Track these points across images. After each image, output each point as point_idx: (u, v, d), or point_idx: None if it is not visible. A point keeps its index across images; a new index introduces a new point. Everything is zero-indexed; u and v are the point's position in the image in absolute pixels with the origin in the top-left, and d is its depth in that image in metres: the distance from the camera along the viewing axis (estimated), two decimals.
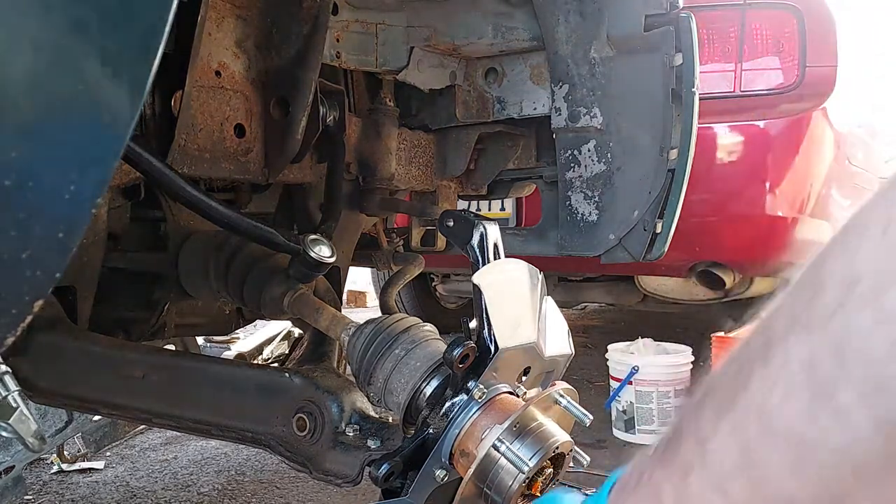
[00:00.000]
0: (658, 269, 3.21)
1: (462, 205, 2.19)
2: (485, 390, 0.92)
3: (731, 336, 2.60)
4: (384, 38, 1.62)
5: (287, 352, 3.43)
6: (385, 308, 1.66)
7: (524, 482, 0.87)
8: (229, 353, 3.47)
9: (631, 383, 2.79)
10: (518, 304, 0.97)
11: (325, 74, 1.46)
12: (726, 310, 3.38)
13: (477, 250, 1.01)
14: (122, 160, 0.87)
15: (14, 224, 0.56)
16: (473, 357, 0.93)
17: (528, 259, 1.05)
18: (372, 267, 2.17)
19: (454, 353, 0.89)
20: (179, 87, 1.21)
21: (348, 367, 1.14)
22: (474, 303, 0.95)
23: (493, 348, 0.92)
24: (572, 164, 1.64)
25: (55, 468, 2.47)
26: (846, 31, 2.85)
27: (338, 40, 1.54)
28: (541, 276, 1.02)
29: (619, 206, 1.60)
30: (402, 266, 1.88)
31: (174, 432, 2.67)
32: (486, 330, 0.93)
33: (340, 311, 1.27)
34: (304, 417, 1.10)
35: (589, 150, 1.62)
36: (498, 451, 0.87)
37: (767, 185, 2.79)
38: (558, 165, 1.66)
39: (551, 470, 0.91)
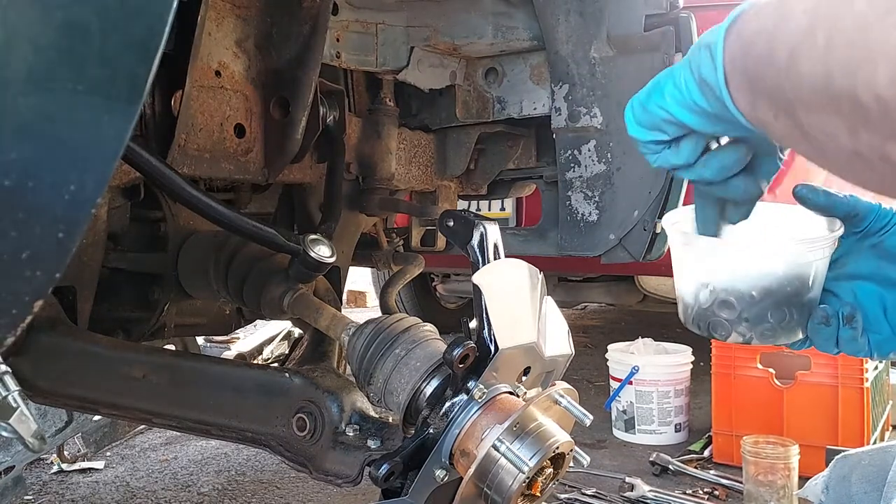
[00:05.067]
0: (658, 269, 3.21)
1: (462, 205, 2.19)
2: (485, 390, 0.92)
3: None
4: (384, 38, 1.62)
5: (287, 352, 3.43)
6: (385, 308, 1.66)
7: (524, 482, 0.87)
8: (229, 353, 3.47)
9: (631, 383, 2.79)
10: (518, 304, 0.97)
11: (325, 74, 1.45)
12: None
13: (477, 250, 1.01)
14: (122, 160, 0.87)
15: (14, 224, 0.56)
16: (473, 357, 0.93)
17: (528, 259, 1.05)
18: (372, 267, 2.17)
19: (454, 353, 0.89)
20: (179, 87, 1.20)
21: (348, 367, 1.13)
22: (474, 303, 0.95)
23: (493, 348, 0.92)
24: (572, 164, 1.64)
25: (55, 468, 2.47)
26: None
27: (338, 40, 1.54)
28: (541, 276, 1.02)
29: (619, 206, 1.60)
30: (402, 266, 1.88)
31: (174, 432, 2.67)
32: (486, 330, 0.93)
33: (340, 311, 1.27)
34: (304, 417, 1.10)
35: (589, 150, 1.62)
36: (498, 451, 0.87)
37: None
38: (558, 165, 1.66)
39: (551, 470, 0.91)
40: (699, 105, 0.60)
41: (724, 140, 0.66)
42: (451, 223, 1.04)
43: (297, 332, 3.39)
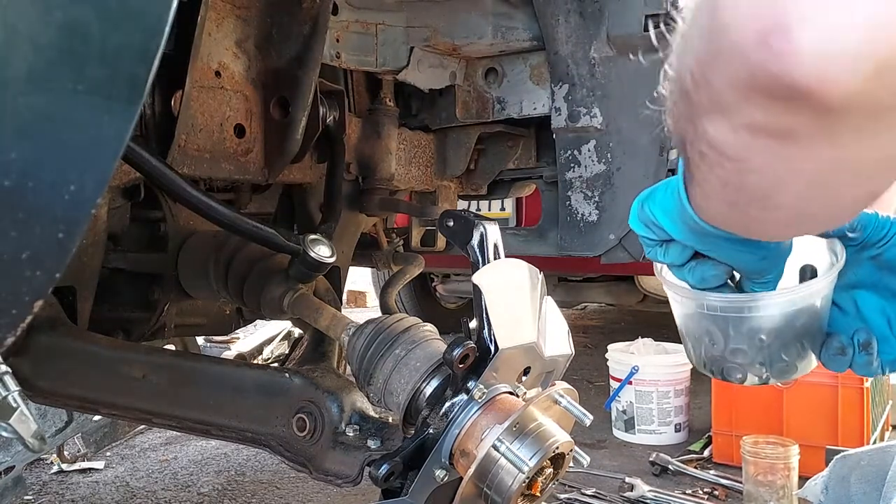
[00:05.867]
0: None
1: (462, 205, 2.19)
2: (485, 390, 0.92)
3: None
4: (384, 38, 1.62)
5: (287, 352, 3.43)
6: (385, 308, 1.66)
7: (524, 482, 0.87)
8: (229, 353, 3.47)
9: (631, 383, 2.79)
10: (518, 304, 0.97)
11: (325, 74, 1.46)
12: None
13: (477, 250, 1.01)
14: (122, 160, 0.87)
15: (14, 224, 0.56)
16: (473, 357, 0.93)
17: (528, 259, 1.05)
18: (372, 267, 2.17)
19: (454, 353, 0.89)
20: (179, 87, 1.20)
21: (348, 367, 1.13)
22: (474, 303, 0.95)
23: (493, 348, 0.92)
24: (572, 164, 1.64)
25: (55, 468, 2.47)
26: None
27: (338, 40, 1.54)
28: (541, 276, 1.02)
29: (619, 206, 1.60)
30: (402, 266, 1.88)
31: (174, 432, 2.67)
32: (486, 330, 0.93)
33: (340, 311, 1.27)
34: (304, 417, 1.10)
35: (589, 150, 1.62)
36: (498, 451, 0.87)
37: None
38: (558, 165, 1.66)
39: (551, 470, 0.91)
40: (677, 215, 0.62)
41: None
42: (451, 223, 1.04)
43: (297, 332, 3.39)
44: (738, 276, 0.71)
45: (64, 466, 2.46)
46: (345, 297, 3.94)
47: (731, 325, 0.72)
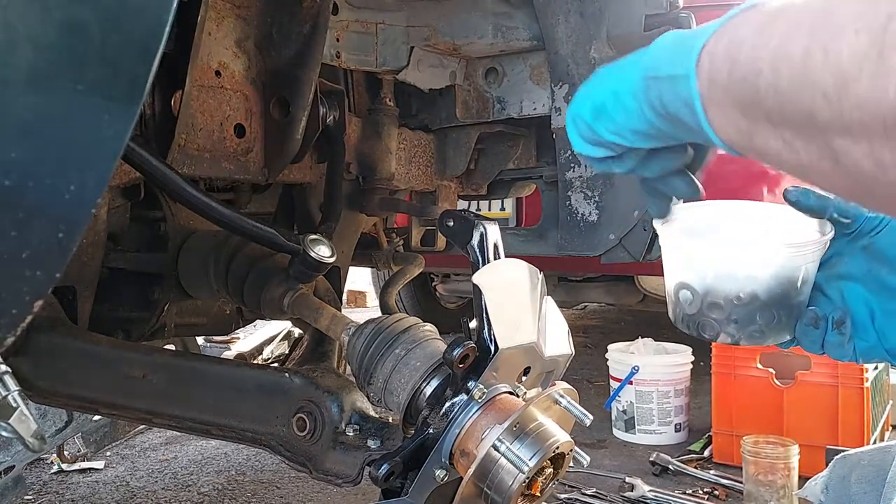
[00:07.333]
0: (658, 269, 3.21)
1: (462, 205, 2.19)
2: (485, 390, 0.92)
3: None
4: (384, 38, 1.62)
5: (287, 352, 3.43)
6: (385, 308, 1.66)
7: (524, 482, 0.87)
8: (229, 353, 3.47)
9: (631, 383, 2.79)
10: (518, 304, 0.97)
11: (325, 74, 1.46)
12: None
13: (477, 250, 1.01)
14: (122, 160, 0.87)
15: (14, 224, 0.56)
16: (473, 357, 0.93)
17: (528, 259, 1.05)
18: (372, 267, 2.17)
19: (454, 353, 0.89)
20: (179, 87, 1.21)
21: (348, 367, 1.14)
22: (474, 303, 0.95)
23: (493, 348, 0.92)
24: (572, 164, 1.64)
25: (55, 468, 2.47)
26: None
27: (338, 40, 1.54)
28: (541, 276, 1.02)
29: (619, 206, 1.60)
30: (402, 266, 1.88)
31: (174, 432, 2.67)
32: (486, 330, 0.93)
33: (340, 311, 1.27)
34: (304, 417, 1.10)
35: None
36: (498, 451, 0.87)
37: (765, 187, 2.79)
38: (558, 165, 1.66)
39: (551, 470, 0.91)
40: (662, 132, 0.61)
41: None
42: (451, 223, 1.04)
43: (297, 332, 3.39)
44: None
45: (64, 466, 2.46)
46: (345, 297, 3.94)
47: (723, 268, 0.74)
